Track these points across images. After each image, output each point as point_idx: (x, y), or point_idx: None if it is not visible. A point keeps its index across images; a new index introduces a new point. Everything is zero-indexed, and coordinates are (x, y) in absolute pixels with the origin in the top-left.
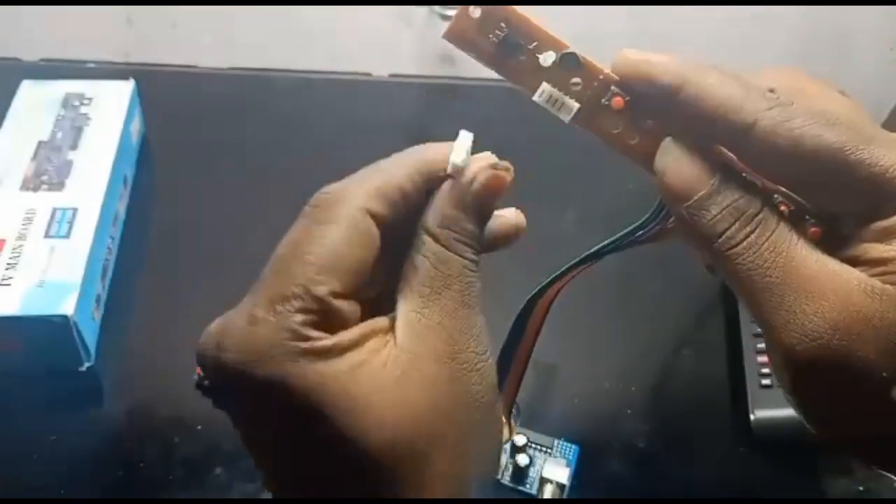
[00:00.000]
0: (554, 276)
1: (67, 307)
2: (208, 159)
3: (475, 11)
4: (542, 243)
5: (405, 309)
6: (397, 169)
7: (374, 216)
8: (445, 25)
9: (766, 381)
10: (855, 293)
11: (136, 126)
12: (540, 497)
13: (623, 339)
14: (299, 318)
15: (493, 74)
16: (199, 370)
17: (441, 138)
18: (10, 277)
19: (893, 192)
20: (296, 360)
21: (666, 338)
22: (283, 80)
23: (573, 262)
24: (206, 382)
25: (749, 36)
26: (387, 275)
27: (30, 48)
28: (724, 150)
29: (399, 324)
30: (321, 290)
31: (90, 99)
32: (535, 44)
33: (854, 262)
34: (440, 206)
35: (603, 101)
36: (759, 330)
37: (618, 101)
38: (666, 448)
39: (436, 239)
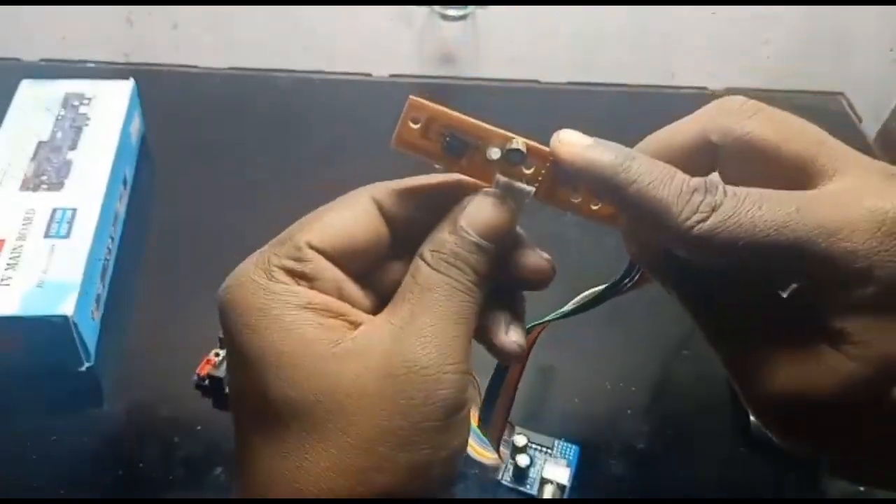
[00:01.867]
0: (535, 323)
1: (67, 307)
2: (208, 159)
3: (416, 122)
4: (543, 244)
5: (380, 314)
6: (420, 180)
7: (380, 207)
8: (445, 25)
9: None
10: (810, 360)
11: (135, 126)
12: (540, 497)
13: (623, 339)
14: (275, 259)
15: (492, 74)
16: (200, 369)
17: None
18: (9, 277)
19: (840, 273)
20: (255, 292)
21: (666, 338)
22: (283, 80)
23: (557, 314)
24: (207, 383)
25: (749, 36)
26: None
27: (30, 48)
28: None
29: (364, 320)
30: (300, 238)
31: (90, 99)
32: (479, 141)
33: (818, 332)
34: (436, 230)
35: (557, 177)
36: None
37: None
38: (666, 448)
39: (423, 259)
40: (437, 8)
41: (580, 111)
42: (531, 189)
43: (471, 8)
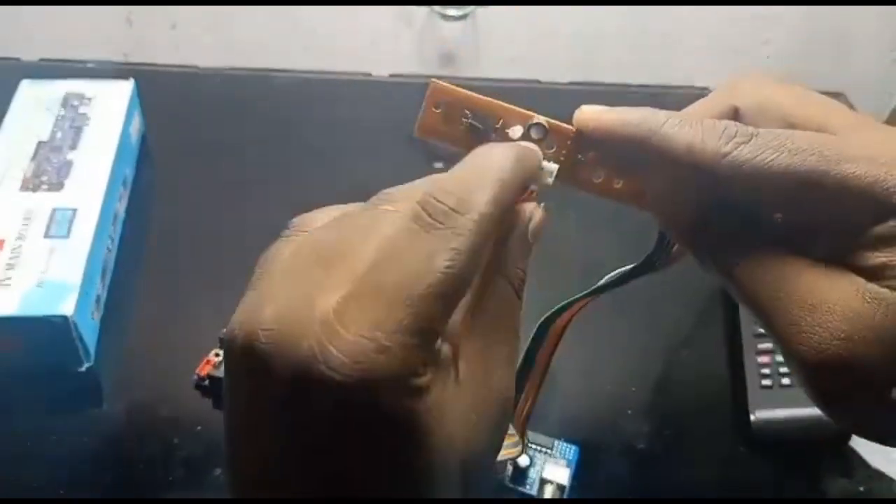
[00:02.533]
0: (567, 302)
1: (67, 307)
2: (208, 159)
3: (438, 108)
4: (543, 243)
5: (471, 349)
6: (507, 179)
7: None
8: (445, 25)
9: (766, 382)
10: (854, 301)
11: (135, 126)
12: (540, 497)
13: (623, 339)
14: (417, 356)
15: (492, 74)
16: (200, 370)
17: None
18: (9, 278)
19: (873, 203)
20: (405, 397)
21: (666, 338)
22: (283, 80)
23: (587, 291)
24: (207, 383)
25: (749, 36)
26: None
27: (29, 48)
28: None
29: (464, 362)
30: (438, 322)
31: (90, 99)
32: (500, 121)
33: (854, 271)
34: (517, 255)
35: (579, 156)
36: (759, 330)
37: (592, 155)
38: (666, 448)
39: (511, 285)
40: (437, 8)
41: None
42: (555, 166)
43: (471, 8)
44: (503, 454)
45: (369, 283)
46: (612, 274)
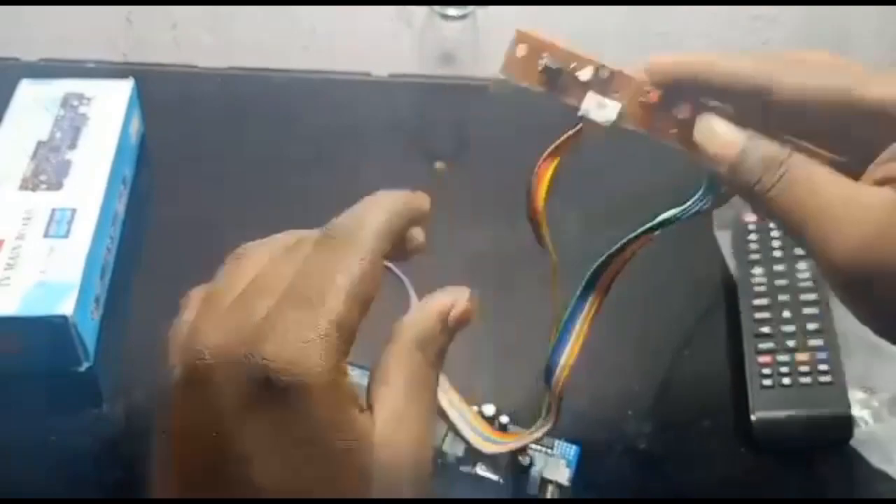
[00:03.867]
0: (615, 248)
1: (66, 307)
2: (208, 159)
3: (521, 50)
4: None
5: (386, 403)
6: (395, 211)
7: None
8: (445, 25)
9: (766, 382)
10: (878, 209)
11: (135, 126)
12: (542, 497)
13: (623, 339)
14: (339, 349)
15: (493, 74)
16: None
17: (441, 138)
18: (8, 278)
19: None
20: (336, 383)
21: (667, 338)
22: (283, 80)
23: (632, 235)
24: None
25: (749, 36)
26: None
27: (29, 48)
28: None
29: (379, 410)
30: (353, 323)
31: (89, 99)
32: (573, 64)
33: (880, 183)
34: (428, 325)
35: (640, 99)
36: (760, 330)
37: (653, 96)
38: (666, 448)
39: (423, 354)
40: (437, 8)
41: None
42: (619, 105)
43: (471, 8)
44: (536, 430)
45: (291, 295)
46: (665, 215)
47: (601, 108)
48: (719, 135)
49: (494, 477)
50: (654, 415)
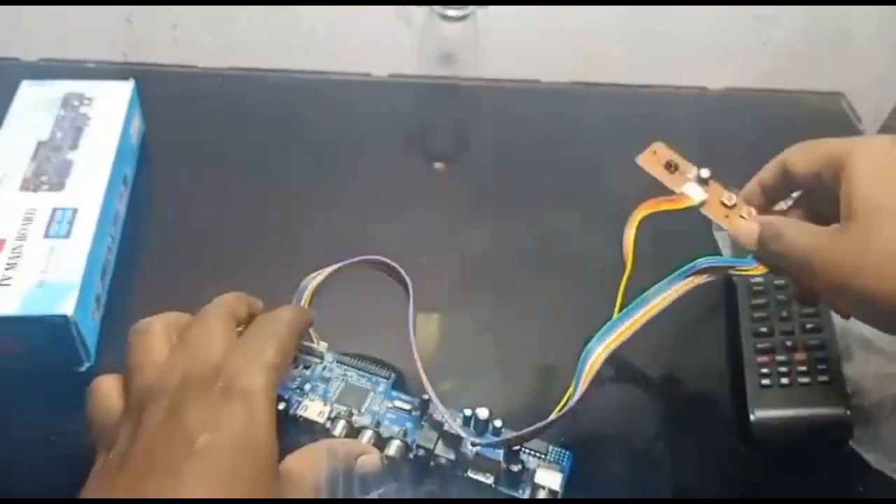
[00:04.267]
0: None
1: (67, 307)
2: (208, 159)
3: (659, 149)
4: (543, 243)
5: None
6: (284, 349)
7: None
8: (445, 25)
9: (765, 381)
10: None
11: (135, 126)
12: (535, 498)
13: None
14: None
15: (492, 75)
16: None
17: (441, 138)
18: (9, 278)
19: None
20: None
21: (665, 337)
22: (283, 80)
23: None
24: None
25: (749, 36)
26: None
27: (29, 48)
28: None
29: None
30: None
31: (90, 99)
32: (680, 165)
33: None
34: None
35: (722, 199)
36: (759, 329)
37: (730, 200)
38: (665, 448)
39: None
40: (437, 8)
41: (580, 111)
42: (704, 195)
43: (471, 8)
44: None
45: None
46: (726, 259)
47: (694, 192)
48: (743, 229)
49: (487, 480)
50: (652, 414)
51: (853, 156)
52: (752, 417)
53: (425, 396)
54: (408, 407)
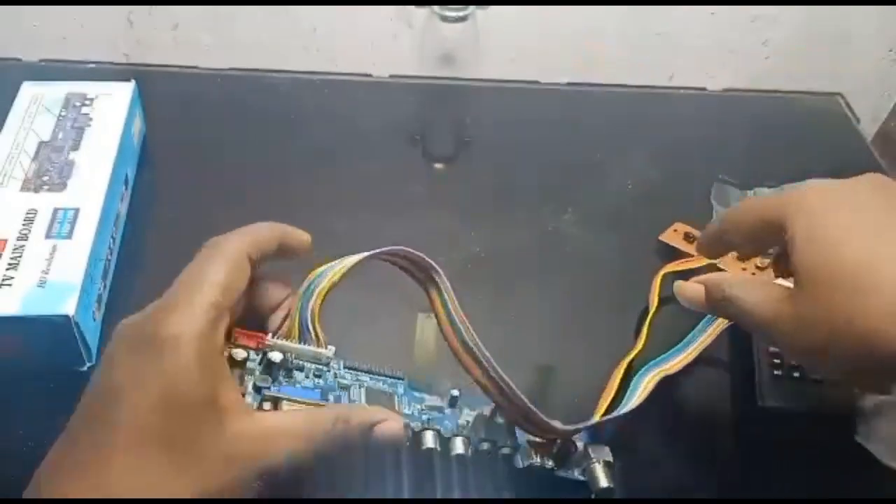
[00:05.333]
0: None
1: (69, 307)
2: (209, 160)
3: (678, 227)
4: (543, 242)
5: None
6: (266, 232)
7: (250, 259)
8: (445, 26)
9: (776, 372)
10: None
11: (137, 126)
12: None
13: (623, 339)
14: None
15: (492, 75)
16: None
17: (441, 138)
18: (11, 278)
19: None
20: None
21: (666, 338)
22: (283, 80)
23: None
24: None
25: (748, 36)
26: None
27: (30, 48)
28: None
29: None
30: (224, 302)
31: (91, 99)
32: (696, 235)
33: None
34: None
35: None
36: None
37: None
38: (666, 448)
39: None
40: (436, 8)
41: (580, 111)
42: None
43: (471, 8)
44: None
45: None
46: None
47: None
48: (689, 291)
49: (548, 465)
50: (653, 414)
51: (789, 221)
52: (760, 405)
53: (454, 392)
54: (439, 404)
